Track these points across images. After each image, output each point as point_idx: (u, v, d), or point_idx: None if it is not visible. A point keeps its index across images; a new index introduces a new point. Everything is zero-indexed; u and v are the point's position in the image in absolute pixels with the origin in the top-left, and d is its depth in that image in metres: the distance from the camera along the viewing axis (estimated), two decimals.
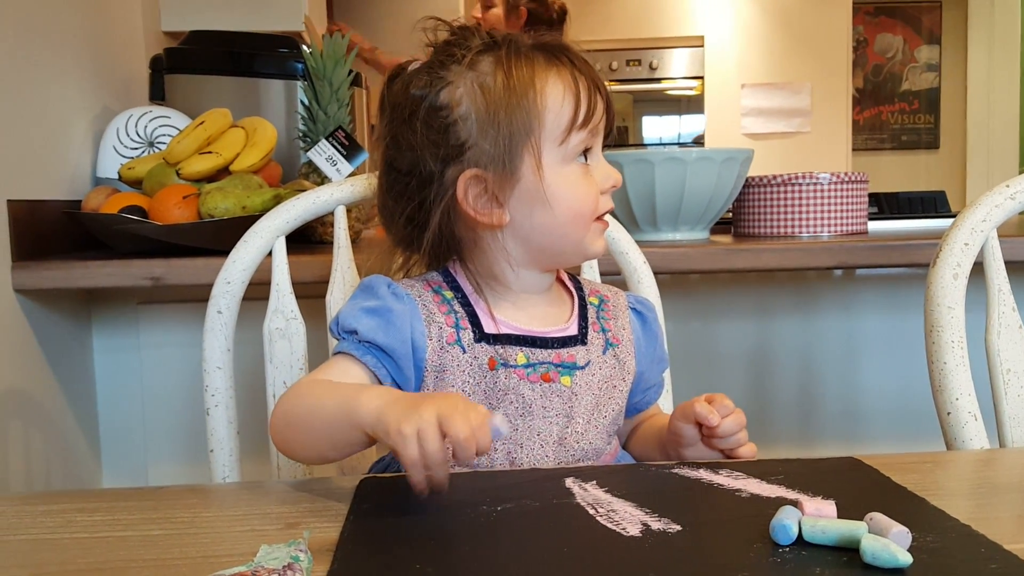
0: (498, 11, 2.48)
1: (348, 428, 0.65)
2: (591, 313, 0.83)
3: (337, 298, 0.98)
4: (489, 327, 0.78)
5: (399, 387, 0.76)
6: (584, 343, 0.80)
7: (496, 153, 0.75)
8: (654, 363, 0.89)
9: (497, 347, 0.77)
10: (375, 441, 0.64)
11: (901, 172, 5.56)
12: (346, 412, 0.65)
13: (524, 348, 0.77)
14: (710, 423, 0.74)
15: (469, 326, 0.77)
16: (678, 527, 0.55)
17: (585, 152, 0.78)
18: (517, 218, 0.77)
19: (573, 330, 0.81)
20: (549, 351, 0.78)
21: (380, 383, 0.75)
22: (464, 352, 0.76)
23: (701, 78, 4.96)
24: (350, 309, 0.76)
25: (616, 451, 0.84)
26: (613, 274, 1.02)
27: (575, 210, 0.77)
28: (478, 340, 0.77)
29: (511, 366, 0.77)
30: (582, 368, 0.79)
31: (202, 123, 1.47)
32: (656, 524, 0.56)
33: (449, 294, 0.79)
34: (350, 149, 1.44)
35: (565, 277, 0.87)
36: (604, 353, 0.82)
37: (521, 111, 0.75)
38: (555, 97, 0.76)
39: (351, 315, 0.76)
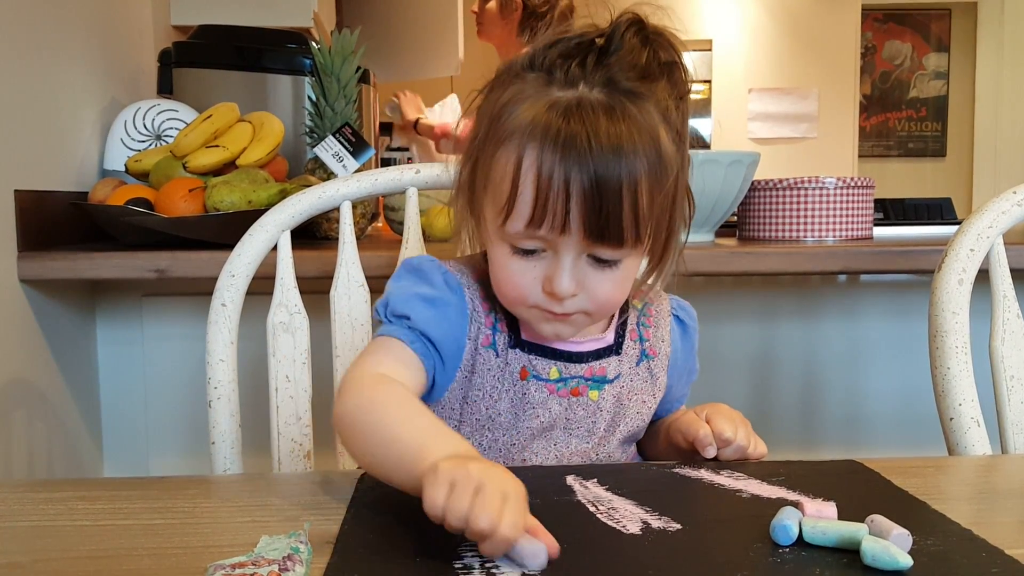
0: (493, 5, 2.36)
1: (406, 475, 0.57)
2: (631, 318, 0.78)
3: (341, 293, 0.99)
4: (527, 333, 0.73)
5: (435, 383, 0.72)
6: (618, 353, 0.76)
7: (467, 173, 0.71)
8: (684, 375, 0.84)
9: (532, 356, 0.73)
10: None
11: (907, 179, 5.56)
12: (411, 459, 0.56)
13: (559, 362, 0.73)
14: (706, 456, 0.71)
15: (506, 330, 0.73)
16: (678, 526, 0.55)
17: (531, 250, 0.67)
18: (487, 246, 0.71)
19: (610, 339, 0.76)
20: (582, 365, 0.74)
21: (425, 373, 0.71)
22: (497, 356, 0.72)
23: (709, 82, 4.96)
24: (403, 293, 0.72)
25: (632, 458, 0.82)
26: None
27: (498, 285, 0.70)
28: (513, 346, 0.73)
29: (543, 380, 0.73)
30: (611, 382, 0.75)
31: (209, 117, 1.47)
32: (656, 522, 0.56)
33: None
34: (356, 145, 1.45)
35: None
36: (637, 365, 0.77)
37: (485, 156, 0.68)
38: (500, 167, 0.66)
39: (405, 300, 0.71)
